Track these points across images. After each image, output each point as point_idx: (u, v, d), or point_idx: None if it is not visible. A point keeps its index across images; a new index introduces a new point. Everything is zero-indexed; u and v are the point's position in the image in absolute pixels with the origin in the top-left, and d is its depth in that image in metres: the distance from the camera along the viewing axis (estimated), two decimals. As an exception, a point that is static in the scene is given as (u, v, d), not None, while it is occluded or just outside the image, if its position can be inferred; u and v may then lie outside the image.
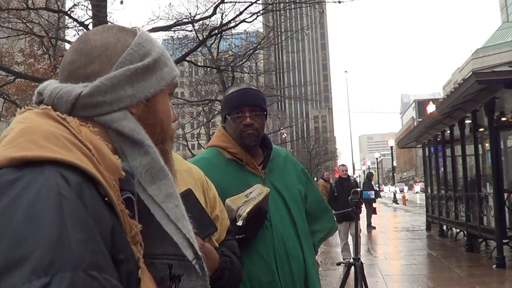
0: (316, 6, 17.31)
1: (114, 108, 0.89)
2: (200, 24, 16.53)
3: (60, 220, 0.67)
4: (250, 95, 2.10)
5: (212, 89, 29.48)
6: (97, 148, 0.81)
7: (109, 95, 0.89)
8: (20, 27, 15.65)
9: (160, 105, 0.96)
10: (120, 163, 0.84)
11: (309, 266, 2.10)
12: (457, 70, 68.14)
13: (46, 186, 0.70)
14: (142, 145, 0.90)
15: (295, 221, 2.11)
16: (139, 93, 0.92)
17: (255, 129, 2.07)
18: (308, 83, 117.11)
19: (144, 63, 0.93)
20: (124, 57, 0.91)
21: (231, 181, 2.02)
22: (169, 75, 0.97)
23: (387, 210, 28.97)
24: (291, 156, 2.36)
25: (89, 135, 0.83)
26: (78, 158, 0.76)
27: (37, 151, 0.74)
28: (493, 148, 9.38)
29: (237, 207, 1.90)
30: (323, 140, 69.52)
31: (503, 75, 8.23)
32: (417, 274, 8.41)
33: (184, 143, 34.30)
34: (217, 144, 2.16)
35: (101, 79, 0.88)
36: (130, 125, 0.90)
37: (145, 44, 0.95)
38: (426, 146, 17.04)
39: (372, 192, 7.34)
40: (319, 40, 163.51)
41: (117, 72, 0.90)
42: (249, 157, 2.10)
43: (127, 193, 0.85)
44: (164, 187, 0.92)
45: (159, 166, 0.91)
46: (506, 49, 50.37)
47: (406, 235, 14.82)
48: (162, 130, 0.97)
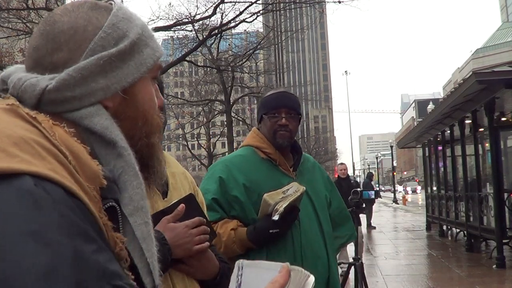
0: (316, 6, 17.34)
1: (85, 103, 0.77)
2: (200, 24, 16.55)
3: (68, 233, 0.59)
4: (288, 98, 2.23)
5: (212, 89, 29.47)
6: (74, 153, 0.70)
7: (78, 89, 0.76)
8: (20, 27, 15.66)
9: (141, 94, 0.83)
10: (100, 169, 0.73)
11: (332, 267, 2.20)
12: (457, 70, 68.17)
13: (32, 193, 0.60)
14: (115, 146, 0.77)
15: (322, 224, 2.21)
16: (114, 84, 0.79)
17: (289, 130, 2.18)
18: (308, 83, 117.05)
19: (119, 48, 0.79)
20: (95, 42, 0.78)
21: (265, 179, 2.13)
22: (150, 57, 0.84)
23: (387, 210, 28.96)
24: (318, 164, 2.50)
25: (64, 137, 0.71)
26: (53, 168, 0.64)
27: (5, 162, 0.61)
28: (493, 148, 9.38)
29: (275, 202, 1.99)
30: (323, 140, 69.57)
31: (503, 75, 8.22)
32: (417, 274, 8.41)
33: (184, 143, 34.31)
34: (252, 143, 2.25)
35: (69, 71, 0.76)
36: (102, 122, 0.77)
37: (120, 24, 0.80)
38: (426, 146, 17.04)
39: (372, 192, 7.32)
40: (319, 40, 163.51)
41: (87, 61, 0.77)
42: (282, 158, 2.21)
43: (110, 201, 0.74)
44: (136, 197, 0.78)
45: (133, 172, 0.79)
46: (506, 49, 50.38)
47: (406, 235, 14.82)
48: (146, 122, 0.84)
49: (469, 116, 10.76)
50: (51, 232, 0.58)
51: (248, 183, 2.09)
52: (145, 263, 0.79)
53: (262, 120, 2.25)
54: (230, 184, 2.09)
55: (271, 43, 22.78)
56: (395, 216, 24.07)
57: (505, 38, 56.24)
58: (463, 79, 9.40)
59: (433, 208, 15.28)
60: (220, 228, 2.04)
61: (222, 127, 34.00)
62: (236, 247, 2.02)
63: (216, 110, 30.05)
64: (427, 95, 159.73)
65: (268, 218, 1.99)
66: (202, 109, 30.07)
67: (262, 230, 2.01)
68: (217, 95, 28.18)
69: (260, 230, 2.01)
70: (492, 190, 9.13)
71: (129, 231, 0.78)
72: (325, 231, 2.20)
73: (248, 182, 2.10)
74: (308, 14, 53.17)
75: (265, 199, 2.00)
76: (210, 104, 28.36)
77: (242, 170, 2.13)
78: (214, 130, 36.84)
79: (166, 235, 1.33)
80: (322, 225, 2.19)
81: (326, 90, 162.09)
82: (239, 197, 2.07)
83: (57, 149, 0.68)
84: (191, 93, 32.01)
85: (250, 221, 2.07)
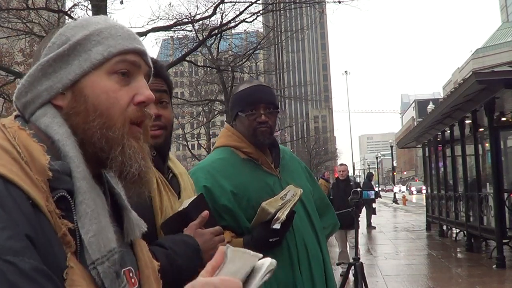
0: (316, 6, 17.32)
1: (35, 106, 0.88)
2: (200, 24, 16.53)
3: None
4: (264, 92, 2.06)
5: (212, 89, 29.47)
6: (28, 150, 0.80)
7: (30, 93, 0.88)
8: (20, 27, 15.64)
9: (89, 89, 0.87)
10: (47, 163, 0.80)
11: (327, 264, 2.12)
12: (457, 70, 68.16)
13: None
14: (53, 143, 0.85)
15: (312, 220, 2.12)
16: (56, 83, 0.87)
17: (269, 126, 2.03)
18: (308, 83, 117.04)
19: (57, 52, 0.88)
20: (44, 53, 0.89)
21: (251, 182, 1.99)
22: (99, 54, 0.88)
23: (387, 210, 28.96)
24: (293, 154, 2.35)
25: (23, 138, 0.82)
26: (3, 164, 0.76)
27: None
28: (493, 148, 9.38)
29: (276, 210, 1.88)
30: (323, 140, 69.57)
31: (503, 75, 8.23)
32: (417, 274, 8.41)
33: (184, 143, 34.30)
34: (229, 144, 2.09)
35: (22, 80, 0.89)
36: (45, 121, 0.86)
37: (68, 32, 0.90)
38: (426, 146, 17.04)
39: (372, 192, 7.33)
40: (319, 40, 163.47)
41: (32, 68, 0.88)
42: (263, 157, 2.07)
43: (61, 191, 0.80)
44: (80, 183, 0.84)
45: (75, 164, 0.84)
46: (506, 49, 50.39)
47: (406, 235, 14.82)
48: (100, 114, 0.86)
49: (469, 116, 10.76)
50: None
51: (235, 189, 1.95)
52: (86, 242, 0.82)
53: (237, 118, 2.06)
54: (217, 193, 1.93)
55: (271, 43, 22.76)
56: (395, 216, 24.07)
57: (505, 38, 56.25)
58: (463, 79, 9.40)
59: (433, 208, 15.28)
60: None
61: (222, 127, 33.93)
62: None
63: (216, 110, 30.02)
64: (427, 95, 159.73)
65: (265, 226, 1.88)
66: (202, 109, 30.05)
67: (261, 239, 1.88)
68: (217, 95, 28.16)
69: (259, 240, 1.88)
70: (492, 190, 9.13)
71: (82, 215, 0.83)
72: (316, 228, 2.12)
73: (235, 188, 1.95)
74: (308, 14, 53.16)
75: (264, 208, 1.88)
76: (210, 104, 28.33)
77: (226, 176, 1.97)
78: (214, 130, 36.83)
79: (198, 241, 1.39)
80: (313, 222, 2.12)
81: (326, 90, 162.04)
82: (228, 205, 1.92)
83: (14, 149, 0.79)
84: (191, 93, 32.00)
85: (243, 229, 1.93)
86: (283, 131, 40.53)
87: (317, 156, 55.15)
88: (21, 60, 18.74)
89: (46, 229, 0.76)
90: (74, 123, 0.87)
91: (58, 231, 0.78)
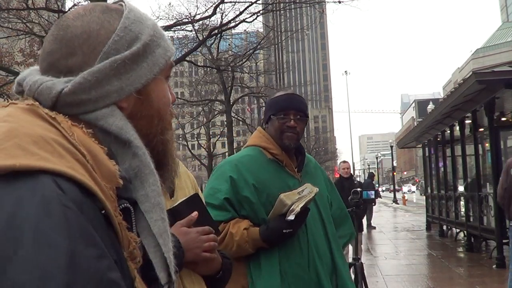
0: (316, 6, 17.34)
1: (100, 105, 0.79)
2: (200, 24, 16.57)
3: (70, 236, 0.60)
4: (296, 100, 2.26)
5: (212, 89, 29.48)
6: (92, 153, 0.72)
7: (94, 91, 0.78)
8: (20, 27, 15.67)
9: (154, 93, 0.85)
10: (117, 170, 0.75)
11: (339, 266, 2.22)
12: (457, 70, 68.14)
13: (46, 198, 0.62)
14: (130, 146, 0.80)
15: (325, 224, 2.25)
16: (128, 86, 0.81)
17: (296, 132, 2.21)
18: (308, 83, 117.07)
19: (132, 50, 0.81)
20: (109, 46, 0.80)
21: (272, 180, 2.16)
22: (162, 57, 0.85)
23: (387, 210, 28.96)
24: (319, 165, 2.53)
25: (82, 137, 0.74)
26: (71, 166, 0.67)
27: (25, 160, 0.64)
28: (493, 148, 9.38)
29: (292, 202, 2.03)
30: (323, 140, 69.51)
31: (503, 75, 8.23)
32: (417, 274, 8.41)
33: (184, 143, 34.31)
34: (259, 144, 2.26)
35: (84, 75, 0.78)
36: (117, 122, 0.79)
37: (132, 26, 0.82)
38: (426, 146, 17.04)
39: (372, 192, 7.30)
40: (319, 40, 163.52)
41: (102, 65, 0.79)
42: (288, 160, 2.24)
43: (124, 202, 0.76)
44: (152, 194, 0.81)
45: (149, 170, 0.81)
46: (506, 49, 50.37)
47: (406, 235, 14.82)
48: (160, 119, 0.87)
49: (469, 116, 10.76)
50: (53, 233, 0.59)
51: (257, 183, 2.12)
52: (160, 258, 0.81)
53: (269, 121, 2.26)
54: (241, 184, 2.11)
55: (271, 43, 22.78)
56: (395, 216, 24.07)
57: (505, 38, 56.23)
58: (463, 79, 9.40)
59: (433, 208, 15.28)
60: (233, 227, 2.08)
61: (222, 127, 34.00)
62: (248, 246, 2.05)
63: (216, 110, 30.06)
64: (427, 95, 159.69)
65: (281, 218, 2.03)
66: (202, 109, 30.08)
67: (276, 230, 2.04)
68: (217, 95, 28.18)
69: (274, 230, 2.04)
70: (492, 190, 9.12)
71: (144, 227, 0.80)
72: (329, 232, 2.23)
73: (257, 182, 2.13)
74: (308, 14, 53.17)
75: (282, 199, 2.04)
76: (210, 104, 28.36)
77: (251, 170, 2.16)
78: (214, 130, 36.84)
79: (180, 239, 1.39)
80: (326, 226, 2.23)
81: (326, 90, 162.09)
82: (250, 197, 2.10)
83: (75, 149, 0.70)
84: (191, 93, 32.04)
85: (260, 221, 2.10)
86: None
87: (317, 156, 55.11)
88: (21, 60, 18.75)
89: (116, 244, 0.70)
90: (137, 126, 0.82)
91: (126, 246, 0.73)
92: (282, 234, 2.04)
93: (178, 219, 1.43)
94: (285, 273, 2.07)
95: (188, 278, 1.44)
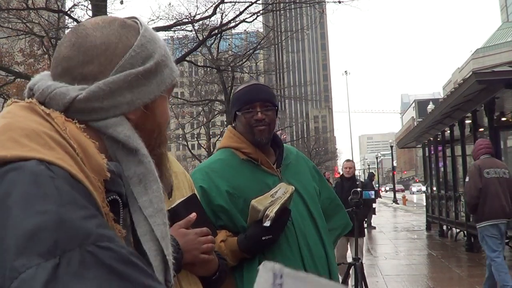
0: (316, 6, 17.33)
1: (110, 114, 0.84)
2: (200, 24, 16.55)
3: (58, 202, 0.65)
4: (260, 90, 2.08)
5: (212, 89, 29.48)
6: (82, 146, 0.76)
7: (106, 101, 0.82)
8: (20, 27, 15.65)
9: (158, 109, 0.90)
10: (105, 163, 0.78)
11: (332, 264, 2.10)
12: (457, 70, 68.13)
13: (35, 172, 0.67)
14: (136, 154, 0.84)
15: (315, 219, 2.09)
16: (137, 99, 0.86)
17: (266, 124, 2.02)
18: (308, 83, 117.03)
19: (146, 67, 0.86)
20: (126, 60, 0.84)
21: (249, 182, 2.00)
22: (169, 77, 0.91)
23: (387, 210, 28.96)
24: (301, 154, 2.33)
25: (74, 132, 0.78)
26: (60, 157, 0.71)
27: (16, 151, 0.70)
28: (493, 148, 9.37)
29: (264, 208, 1.87)
30: (323, 140, 69.49)
31: (503, 75, 8.23)
32: (417, 274, 8.41)
33: (184, 143, 34.32)
34: (230, 145, 2.10)
35: (99, 84, 0.82)
36: (125, 131, 0.84)
37: (148, 45, 0.87)
38: (426, 146, 17.04)
39: (372, 192, 7.26)
40: (319, 40, 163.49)
41: (117, 76, 0.83)
42: (263, 157, 2.06)
43: (113, 194, 0.79)
44: (156, 200, 0.86)
45: (153, 178, 0.86)
46: (506, 49, 50.36)
47: (406, 235, 14.82)
48: (160, 133, 0.93)
49: (469, 116, 10.76)
50: (43, 201, 0.65)
51: (231, 189, 1.96)
52: (160, 262, 0.86)
53: (236, 118, 2.08)
54: (213, 193, 1.95)
55: (271, 43, 22.76)
56: (395, 216, 24.07)
57: (505, 38, 56.22)
58: (463, 79, 9.40)
59: (433, 208, 15.28)
60: None
61: (222, 127, 34.01)
62: (228, 259, 1.84)
63: (216, 110, 30.03)
64: (427, 95, 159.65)
65: (258, 224, 1.87)
66: (202, 109, 30.06)
67: (254, 238, 1.88)
68: (217, 95, 28.18)
69: (252, 238, 1.88)
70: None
71: (145, 231, 0.84)
72: (320, 227, 2.09)
73: (231, 188, 1.97)
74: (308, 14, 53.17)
75: (253, 205, 1.88)
76: (210, 104, 28.35)
77: (223, 176, 1.99)
78: (214, 130, 36.84)
79: (179, 240, 1.39)
80: (316, 220, 2.08)
81: (326, 90, 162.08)
82: (224, 205, 1.94)
83: (66, 142, 0.74)
84: (191, 93, 32.00)
85: (240, 229, 1.94)
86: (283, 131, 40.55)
87: (317, 156, 55.16)
88: (21, 60, 18.75)
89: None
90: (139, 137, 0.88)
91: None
92: (261, 241, 1.88)
93: (176, 220, 1.42)
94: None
95: (186, 279, 1.44)
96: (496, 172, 5.80)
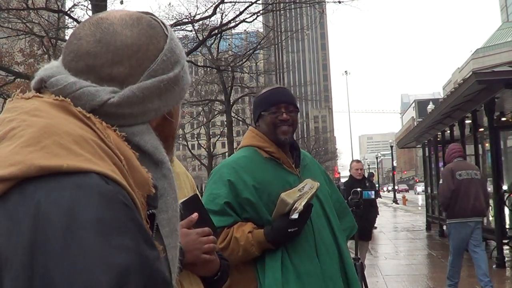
0: (316, 6, 17.32)
1: (138, 121, 0.77)
2: (200, 24, 16.56)
3: (133, 233, 0.61)
4: (285, 93, 2.23)
5: (212, 89, 29.49)
6: (126, 157, 0.70)
7: (137, 107, 0.76)
8: (20, 27, 15.65)
9: (175, 116, 0.87)
10: (150, 177, 0.73)
11: (347, 259, 2.19)
12: (457, 70, 68.12)
13: (104, 194, 0.61)
14: (162, 167, 0.79)
15: (330, 218, 2.20)
16: (164, 106, 0.81)
17: (290, 124, 2.15)
18: (308, 83, 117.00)
19: (175, 73, 0.81)
20: (158, 65, 0.79)
21: (272, 179, 2.11)
22: (187, 83, 0.87)
23: (387, 210, 28.96)
24: (313, 158, 2.48)
25: (116, 140, 0.71)
26: (113, 170, 0.65)
27: (72, 160, 0.62)
28: (493, 148, 9.38)
29: (294, 201, 1.98)
30: (323, 140, 69.46)
31: (503, 75, 8.23)
32: (417, 274, 8.41)
33: (184, 143, 34.31)
34: (253, 143, 2.21)
35: (133, 89, 0.76)
36: (152, 141, 0.78)
37: (176, 49, 0.83)
38: (426, 146, 17.04)
39: (372, 192, 7.26)
40: (319, 40, 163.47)
41: (150, 82, 0.77)
42: (285, 156, 2.19)
43: (151, 209, 0.75)
44: (173, 220, 0.82)
45: (174, 196, 0.81)
46: (506, 49, 50.36)
47: (406, 235, 14.83)
48: (173, 139, 0.90)
49: (469, 116, 10.75)
50: (122, 234, 0.59)
51: (257, 184, 2.08)
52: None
53: (260, 118, 2.20)
54: (240, 187, 2.06)
55: (271, 43, 22.77)
56: (395, 216, 24.07)
57: (505, 38, 56.22)
58: (463, 79, 9.40)
59: (433, 208, 15.28)
60: (236, 232, 2.03)
61: (222, 127, 34.02)
62: (254, 249, 2.01)
63: (216, 110, 30.06)
64: (427, 95, 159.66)
65: (285, 217, 1.99)
66: (202, 109, 30.08)
67: (281, 230, 2.00)
68: (217, 95, 28.19)
69: (279, 230, 2.00)
70: (492, 190, 9.13)
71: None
72: (334, 225, 2.20)
73: (257, 183, 2.08)
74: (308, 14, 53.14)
75: (283, 198, 2.00)
76: (210, 104, 28.36)
77: (249, 172, 2.11)
78: (214, 130, 36.85)
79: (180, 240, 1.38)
80: (330, 220, 2.20)
81: (326, 90, 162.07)
82: (251, 198, 2.06)
83: (112, 152, 0.68)
84: (191, 93, 31.99)
85: (264, 222, 2.06)
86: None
87: (317, 156, 55.12)
88: (21, 60, 18.74)
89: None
90: None
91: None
92: (287, 233, 2.00)
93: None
94: (296, 270, 2.02)
95: (187, 280, 1.44)
96: (468, 173, 6.16)
